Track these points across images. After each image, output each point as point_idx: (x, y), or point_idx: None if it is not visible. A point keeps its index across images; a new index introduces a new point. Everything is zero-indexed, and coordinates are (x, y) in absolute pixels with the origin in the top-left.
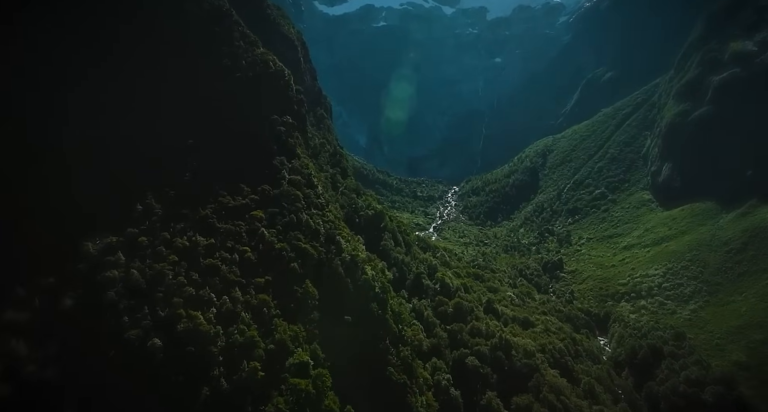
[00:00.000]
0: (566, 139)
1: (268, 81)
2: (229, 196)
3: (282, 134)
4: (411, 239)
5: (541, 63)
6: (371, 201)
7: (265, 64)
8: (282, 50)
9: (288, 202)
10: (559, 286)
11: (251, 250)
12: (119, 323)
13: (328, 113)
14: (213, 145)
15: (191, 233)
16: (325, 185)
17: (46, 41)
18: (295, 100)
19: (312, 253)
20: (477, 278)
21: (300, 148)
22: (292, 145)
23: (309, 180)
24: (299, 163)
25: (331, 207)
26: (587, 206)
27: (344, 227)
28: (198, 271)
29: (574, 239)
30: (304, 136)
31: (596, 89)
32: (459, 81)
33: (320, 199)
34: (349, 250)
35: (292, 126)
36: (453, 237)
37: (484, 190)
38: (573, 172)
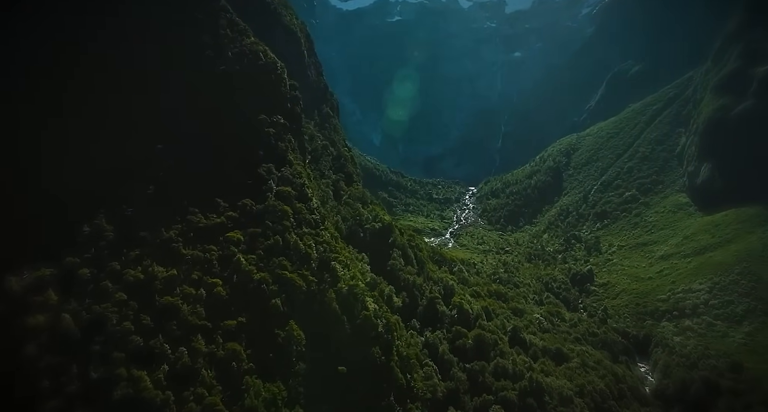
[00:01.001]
0: (591, 137)
1: (257, 75)
2: (200, 213)
3: (271, 137)
4: (424, 255)
5: (563, 57)
6: (378, 212)
7: (254, 56)
8: (283, 42)
9: (273, 219)
10: (590, 301)
11: (223, 283)
12: (35, 389)
13: (335, 111)
14: (185, 151)
15: (148, 262)
16: (325, 196)
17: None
18: (289, 97)
19: (300, 284)
20: (499, 297)
21: (292, 154)
22: (283, 149)
23: (301, 192)
24: (290, 172)
25: (328, 223)
26: (617, 209)
27: (343, 247)
28: (151, 313)
29: (604, 247)
30: (299, 138)
31: (623, 84)
32: (476, 77)
33: (314, 214)
34: (347, 278)
35: (284, 127)
36: (471, 244)
37: (504, 192)
38: (600, 172)
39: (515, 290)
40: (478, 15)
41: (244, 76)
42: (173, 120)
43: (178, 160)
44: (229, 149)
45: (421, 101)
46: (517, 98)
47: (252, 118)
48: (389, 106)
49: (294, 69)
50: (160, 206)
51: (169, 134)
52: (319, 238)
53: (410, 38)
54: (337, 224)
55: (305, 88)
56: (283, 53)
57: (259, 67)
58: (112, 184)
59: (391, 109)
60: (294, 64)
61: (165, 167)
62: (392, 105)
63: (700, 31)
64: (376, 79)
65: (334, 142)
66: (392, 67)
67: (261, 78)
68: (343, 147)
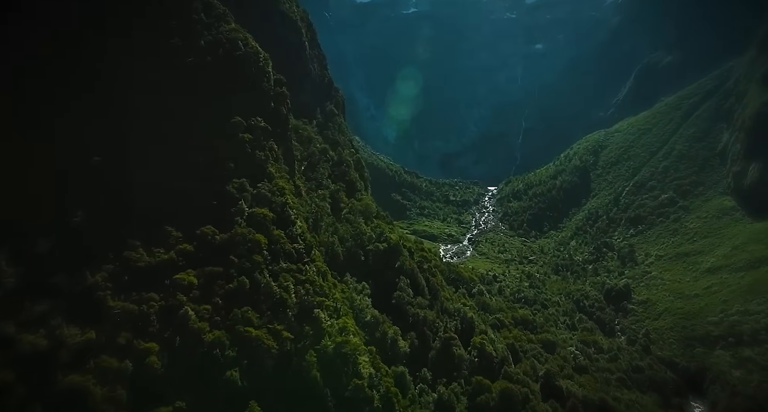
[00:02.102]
0: (621, 133)
1: (232, 68)
2: (142, 248)
3: (246, 145)
4: (438, 280)
5: (587, 48)
6: (384, 228)
7: (231, 46)
8: (282, 32)
9: (241, 253)
10: (629, 322)
11: (160, 349)
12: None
13: (341, 109)
14: (132, 164)
15: (57, 321)
16: (319, 212)
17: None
18: (274, 94)
19: (268, 345)
20: (526, 325)
21: (274, 165)
22: (261, 160)
23: (282, 214)
24: (270, 188)
25: (316, 253)
26: (652, 213)
27: (333, 284)
28: (47, 400)
29: (640, 257)
30: (285, 144)
31: (653, 76)
32: (496, 70)
33: (298, 243)
34: (335, 332)
35: (264, 132)
36: (492, 252)
37: (527, 193)
38: (632, 172)
39: (543, 311)
40: (498, 6)
41: (217, 70)
42: (120, 124)
43: (119, 175)
44: (190, 161)
45: (437, 96)
46: (538, 92)
47: (222, 122)
48: (404, 102)
49: (293, 62)
50: (86, 237)
51: (111, 142)
52: (301, 275)
53: (426, 31)
54: (332, 247)
55: (306, 84)
56: (281, 44)
57: (237, 58)
58: (24, 208)
59: (405, 105)
60: (293, 57)
61: (100, 184)
62: (408, 99)
63: (740, 16)
64: (390, 74)
65: (337, 144)
66: (408, 61)
67: (238, 72)
68: (347, 149)
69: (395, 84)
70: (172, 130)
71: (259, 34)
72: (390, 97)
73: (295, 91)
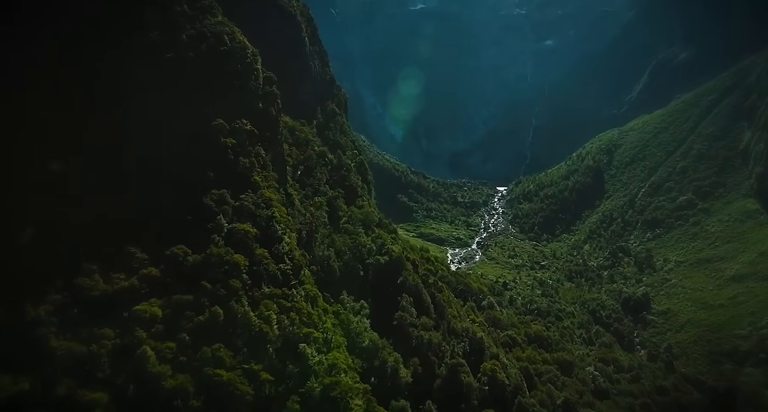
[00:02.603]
0: (636, 132)
1: (216, 65)
2: (98, 273)
3: (228, 151)
4: (444, 296)
5: (599, 44)
6: (386, 239)
7: (216, 40)
8: (280, 28)
9: (216, 277)
10: (649, 335)
11: (106, 402)
12: None
13: (343, 108)
14: (96, 174)
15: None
16: (314, 223)
17: None
18: (262, 93)
19: (242, 390)
20: (541, 343)
21: (260, 173)
22: (246, 167)
23: (268, 229)
24: (255, 199)
25: (306, 274)
26: (670, 216)
27: (322, 312)
28: None
29: (658, 262)
30: (274, 149)
31: (668, 72)
32: (505, 67)
33: (284, 262)
34: (324, 370)
35: (250, 136)
36: (502, 257)
37: (538, 195)
38: (648, 172)
39: (558, 324)
40: (506, 2)
41: (199, 67)
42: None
43: (79, 185)
44: (164, 169)
45: (445, 94)
46: (548, 90)
47: (202, 125)
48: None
49: (292, 58)
50: (32, 259)
51: (76, 146)
52: (286, 301)
53: (434, 27)
54: (328, 262)
55: (306, 81)
56: (279, 40)
57: (221, 54)
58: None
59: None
60: (292, 53)
61: (56, 195)
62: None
63: (758, 10)
64: (398, 72)
65: (338, 146)
66: (415, 58)
67: (222, 69)
68: (349, 151)
69: (402, 82)
70: (144, 134)
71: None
72: (396, 96)
73: (294, 89)
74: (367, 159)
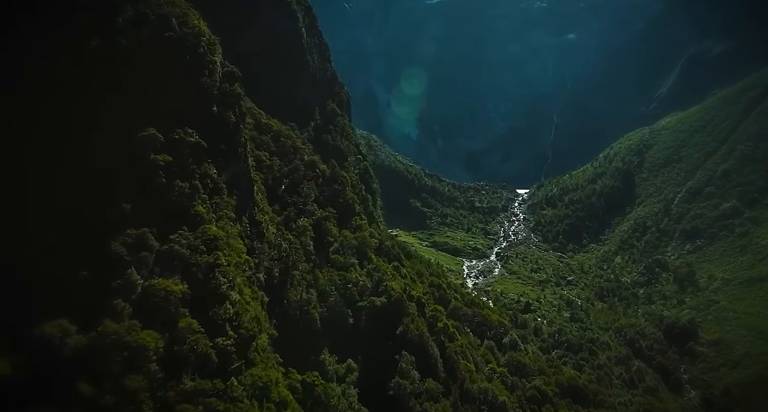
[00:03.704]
0: (669, 131)
1: (155, 57)
2: None
3: (158, 172)
4: (457, 345)
5: (625, 37)
6: (385, 271)
7: (161, 24)
8: (271, 16)
9: (110, 370)
10: (699, 372)
11: None
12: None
13: (345, 107)
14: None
15: None
16: (288, 258)
17: None
18: (218, 93)
19: None
20: (575, 394)
21: (205, 202)
22: (183, 194)
23: (206, 284)
24: (190, 242)
25: (256, 349)
26: (712, 226)
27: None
28: None
29: (702, 280)
30: (236, 167)
31: (703, 66)
32: (525, 62)
33: (225, 335)
34: None
35: (196, 151)
36: (523, 270)
37: (562, 200)
38: (685, 176)
39: (592, 362)
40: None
41: (134, 59)
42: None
43: None
44: (57, 200)
45: (462, 90)
46: (571, 86)
47: (122, 136)
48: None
49: (286, 53)
50: None
51: None
52: (218, 401)
53: (451, 21)
54: (307, 307)
55: (304, 78)
56: (270, 31)
57: (164, 43)
58: None
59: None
60: (286, 47)
61: None
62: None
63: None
64: (412, 67)
65: (338, 151)
66: (431, 53)
67: (163, 63)
68: (352, 156)
69: (417, 78)
70: (43, 149)
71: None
72: (411, 92)
73: (287, 87)
74: (378, 161)
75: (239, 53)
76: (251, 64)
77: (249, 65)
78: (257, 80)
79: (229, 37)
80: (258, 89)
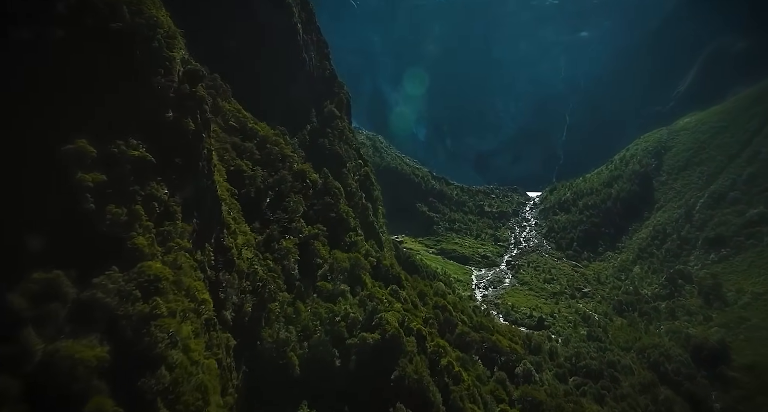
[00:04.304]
0: (688, 132)
1: (93, 54)
2: None
3: (85, 196)
4: (463, 388)
5: (639, 34)
6: (381, 299)
7: (110, 13)
8: (265, 11)
9: None
10: (733, 400)
11: None
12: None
13: (344, 109)
14: None
15: None
16: (263, 290)
17: None
18: (175, 96)
19: None
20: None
21: (148, 235)
22: (118, 224)
23: (137, 342)
24: (119, 286)
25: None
26: (738, 234)
27: None
28: None
29: (729, 293)
30: (199, 184)
31: (724, 64)
32: (536, 60)
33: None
34: None
35: (139, 167)
36: (536, 281)
37: (576, 205)
38: (706, 180)
39: (615, 391)
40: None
41: (70, 54)
42: None
43: None
44: None
45: (471, 90)
46: (584, 85)
47: (40, 150)
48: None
49: (279, 50)
50: None
51: None
52: None
53: (461, 19)
54: (284, 349)
55: (297, 78)
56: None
57: (110, 35)
58: None
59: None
60: (279, 43)
61: None
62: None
63: None
64: (421, 66)
65: (335, 156)
66: (440, 52)
67: (106, 59)
68: (352, 162)
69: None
70: None
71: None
72: (419, 91)
73: (281, 87)
74: (384, 163)
75: (228, 50)
76: (241, 62)
77: (238, 63)
78: (247, 80)
79: (216, 32)
80: (247, 89)
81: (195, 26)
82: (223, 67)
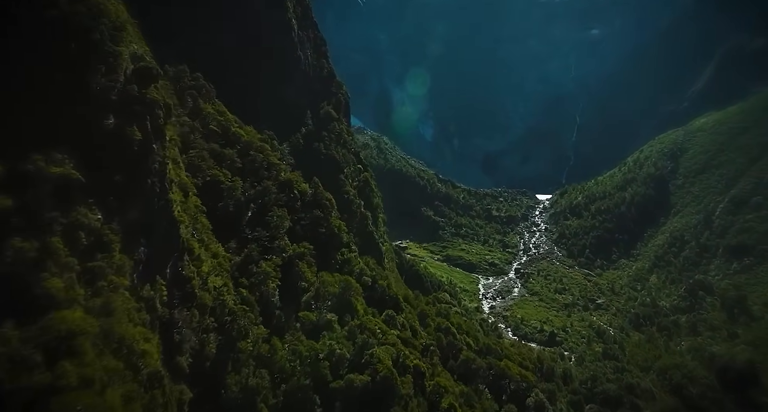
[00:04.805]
0: (706, 133)
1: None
2: None
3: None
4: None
5: (651, 32)
6: (373, 329)
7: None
8: (257, 7)
9: None
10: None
11: None
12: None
13: (342, 110)
14: None
15: None
16: (232, 325)
17: None
18: (117, 99)
19: None
20: None
21: (68, 274)
22: (24, 267)
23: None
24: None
25: None
26: (762, 241)
27: None
28: None
29: (755, 306)
30: (151, 205)
31: (742, 62)
32: (545, 59)
33: None
34: None
35: (62, 189)
36: (546, 291)
37: (588, 209)
38: (726, 183)
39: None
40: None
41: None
42: None
43: None
44: None
45: (480, 89)
46: (594, 84)
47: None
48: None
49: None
50: None
51: None
52: None
53: (469, 16)
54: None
55: (292, 77)
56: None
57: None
58: None
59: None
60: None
61: None
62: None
63: None
64: (428, 65)
65: (331, 161)
66: (447, 51)
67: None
68: (350, 167)
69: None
70: None
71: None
72: (426, 91)
73: (273, 87)
74: (388, 165)
75: (215, 46)
76: (229, 60)
77: (226, 61)
78: (236, 79)
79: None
80: (236, 89)
81: (179, 21)
82: (209, 65)
